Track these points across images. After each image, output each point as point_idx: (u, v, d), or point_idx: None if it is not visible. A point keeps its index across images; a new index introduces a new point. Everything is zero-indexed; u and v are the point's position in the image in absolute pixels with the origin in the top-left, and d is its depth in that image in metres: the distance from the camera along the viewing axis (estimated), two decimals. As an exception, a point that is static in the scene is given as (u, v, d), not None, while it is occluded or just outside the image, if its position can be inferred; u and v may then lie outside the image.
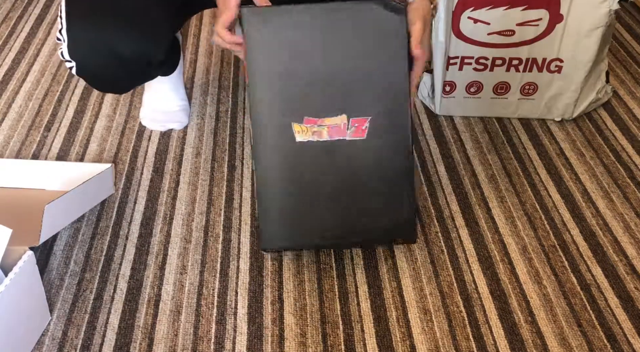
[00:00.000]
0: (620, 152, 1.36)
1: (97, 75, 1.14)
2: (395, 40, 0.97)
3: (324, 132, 0.99)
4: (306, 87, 0.98)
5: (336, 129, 0.98)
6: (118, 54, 1.08)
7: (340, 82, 0.99)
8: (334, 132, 0.99)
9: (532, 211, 1.22)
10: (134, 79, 1.21)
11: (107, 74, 1.13)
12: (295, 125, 0.99)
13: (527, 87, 1.39)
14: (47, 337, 1.01)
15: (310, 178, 1.02)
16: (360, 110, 0.98)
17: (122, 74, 1.14)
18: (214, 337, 1.01)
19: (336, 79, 0.98)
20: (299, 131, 0.99)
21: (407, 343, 1.00)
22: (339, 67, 0.98)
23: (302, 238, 1.07)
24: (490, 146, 1.37)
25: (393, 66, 0.98)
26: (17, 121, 1.46)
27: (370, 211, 1.05)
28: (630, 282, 1.09)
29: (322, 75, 0.98)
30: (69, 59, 1.11)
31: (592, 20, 1.28)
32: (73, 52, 1.09)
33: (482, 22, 1.30)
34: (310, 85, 0.98)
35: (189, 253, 1.15)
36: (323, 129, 0.99)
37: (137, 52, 1.09)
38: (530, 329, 1.02)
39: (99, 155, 1.36)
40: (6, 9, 1.89)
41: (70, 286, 1.09)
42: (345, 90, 0.99)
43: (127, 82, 1.22)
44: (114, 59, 1.09)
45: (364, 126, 0.98)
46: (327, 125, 0.98)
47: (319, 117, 0.98)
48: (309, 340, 1.01)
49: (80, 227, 1.20)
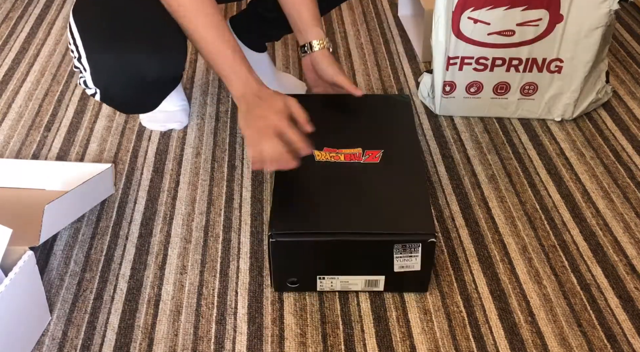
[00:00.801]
0: (620, 152, 1.36)
1: (124, 99, 1.14)
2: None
3: (341, 157, 1.12)
4: (327, 127, 1.15)
5: (351, 156, 1.12)
6: (144, 76, 1.07)
7: (356, 125, 1.19)
8: (350, 157, 1.12)
9: (532, 211, 1.22)
10: (162, 96, 1.21)
11: (135, 97, 1.13)
12: (315, 152, 1.11)
13: (527, 87, 1.39)
14: (47, 337, 1.01)
15: (326, 187, 1.08)
16: (373, 144, 1.14)
17: (149, 94, 1.14)
18: (214, 337, 1.01)
19: (352, 123, 1.20)
20: (318, 155, 1.11)
21: (407, 343, 1.00)
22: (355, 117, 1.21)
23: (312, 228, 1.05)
24: (490, 146, 1.37)
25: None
26: (17, 121, 1.46)
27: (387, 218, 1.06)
28: (630, 282, 1.09)
29: (341, 121, 1.20)
30: (93, 87, 1.10)
31: (592, 21, 1.28)
32: (97, 81, 1.08)
33: (482, 22, 1.30)
34: (332, 127, 1.17)
35: (189, 253, 1.15)
36: (340, 155, 1.12)
37: (163, 71, 1.08)
38: (530, 329, 1.02)
39: (99, 155, 1.36)
40: (6, 9, 1.89)
41: (70, 286, 1.09)
42: (361, 130, 1.18)
43: (154, 100, 1.21)
44: (140, 82, 1.08)
45: (377, 155, 1.12)
46: (343, 153, 1.12)
47: (337, 147, 1.13)
48: (309, 340, 1.01)
49: (80, 227, 1.20)
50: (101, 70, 1.06)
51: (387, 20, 1.81)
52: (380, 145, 1.13)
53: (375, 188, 1.07)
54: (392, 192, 1.06)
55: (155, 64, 1.06)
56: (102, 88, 1.09)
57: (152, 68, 1.06)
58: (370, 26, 1.78)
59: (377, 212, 1.03)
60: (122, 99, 1.14)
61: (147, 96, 1.16)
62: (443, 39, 1.33)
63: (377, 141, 1.14)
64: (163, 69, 1.08)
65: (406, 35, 1.74)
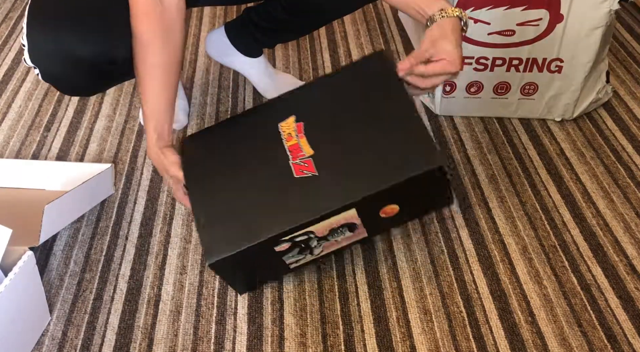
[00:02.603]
0: (621, 152, 1.35)
1: (61, 79, 1.12)
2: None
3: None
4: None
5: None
6: (75, 55, 1.06)
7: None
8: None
9: (533, 211, 1.22)
10: (100, 79, 1.17)
11: (71, 77, 1.11)
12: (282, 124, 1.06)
13: (527, 87, 1.39)
14: (47, 337, 1.01)
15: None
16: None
17: (85, 76, 1.12)
18: (214, 337, 1.01)
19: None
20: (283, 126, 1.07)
21: (407, 343, 1.00)
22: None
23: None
24: (490, 146, 1.37)
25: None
26: (17, 121, 1.46)
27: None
28: (631, 282, 1.09)
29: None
30: (30, 64, 1.10)
31: (593, 20, 1.28)
32: (34, 57, 1.08)
33: (482, 22, 1.30)
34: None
35: (188, 253, 1.15)
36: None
37: (94, 51, 1.07)
38: (530, 329, 1.02)
39: (99, 155, 1.36)
40: (6, 8, 1.89)
41: (70, 286, 1.09)
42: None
43: (94, 84, 1.18)
44: (73, 61, 1.07)
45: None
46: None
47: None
48: (309, 340, 1.01)
49: (80, 227, 1.20)
50: (36, 46, 1.07)
51: (387, 20, 1.81)
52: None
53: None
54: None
55: (86, 44, 1.06)
56: (39, 65, 1.09)
57: (83, 47, 1.06)
58: (370, 26, 1.78)
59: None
60: (58, 78, 1.13)
61: (84, 78, 1.13)
62: (443, 39, 1.33)
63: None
64: (94, 50, 1.07)
65: (406, 35, 1.74)
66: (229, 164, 1.04)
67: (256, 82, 1.49)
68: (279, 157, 1.00)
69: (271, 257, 0.99)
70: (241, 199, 0.99)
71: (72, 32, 1.05)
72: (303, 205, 0.95)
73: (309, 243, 0.98)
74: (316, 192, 0.95)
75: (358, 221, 0.97)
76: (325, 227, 0.96)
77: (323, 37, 1.72)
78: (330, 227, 0.97)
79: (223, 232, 0.96)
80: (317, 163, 0.98)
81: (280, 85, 1.50)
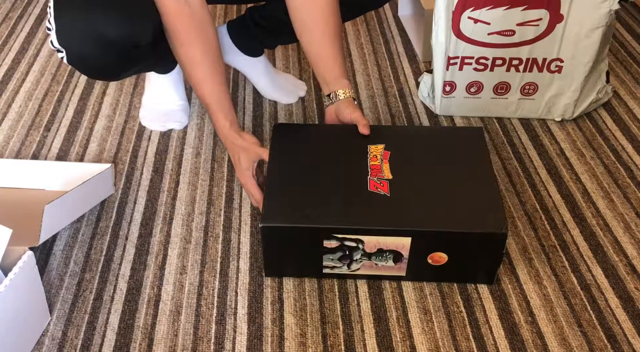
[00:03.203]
0: (621, 152, 1.35)
1: (87, 61, 1.14)
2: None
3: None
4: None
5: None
6: (103, 36, 1.09)
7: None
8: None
9: (533, 211, 1.22)
10: (124, 63, 1.20)
11: (96, 59, 1.13)
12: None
13: (527, 87, 1.39)
14: (47, 337, 1.01)
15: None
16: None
17: (110, 58, 1.14)
18: (214, 337, 1.01)
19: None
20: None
21: (407, 343, 1.00)
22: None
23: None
24: (490, 146, 1.37)
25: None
26: (17, 121, 1.46)
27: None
28: (631, 282, 1.09)
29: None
30: (59, 47, 1.12)
31: (593, 20, 1.28)
32: (61, 39, 1.11)
33: (482, 22, 1.30)
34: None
35: (188, 253, 1.15)
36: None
37: (121, 33, 1.09)
38: (530, 329, 1.02)
39: (99, 155, 1.36)
40: (6, 8, 1.89)
41: (70, 286, 1.09)
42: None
43: (120, 67, 1.20)
44: (100, 42, 1.10)
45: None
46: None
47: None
48: (309, 340, 1.00)
49: (80, 227, 1.20)
50: (64, 28, 1.10)
51: (387, 20, 1.81)
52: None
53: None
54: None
55: (113, 24, 1.09)
56: (66, 46, 1.11)
57: (110, 27, 1.09)
58: (370, 26, 1.78)
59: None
60: (85, 60, 1.15)
61: (111, 60, 1.16)
62: (443, 39, 1.33)
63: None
64: (122, 30, 1.10)
65: (406, 35, 1.74)
66: (312, 159, 1.12)
67: (256, 81, 1.49)
68: (360, 170, 1.09)
69: (315, 250, 1.03)
70: (314, 188, 1.06)
71: (100, 11, 1.09)
72: (367, 213, 1.02)
73: (353, 253, 1.03)
74: (383, 208, 1.03)
75: (406, 253, 1.03)
76: (375, 244, 1.02)
77: (323, 37, 1.72)
78: (379, 247, 1.02)
79: (288, 205, 1.04)
80: (392, 187, 1.06)
81: (280, 85, 1.50)
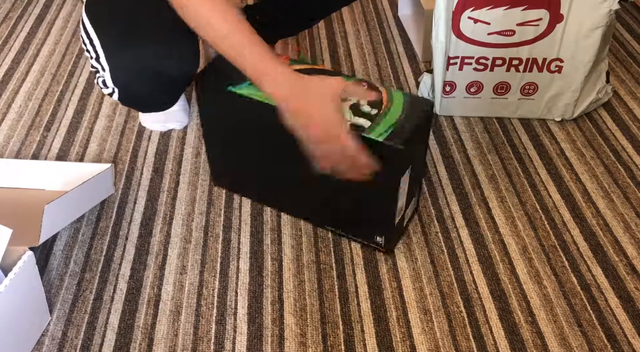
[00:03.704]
0: (621, 152, 1.35)
1: (142, 97, 1.15)
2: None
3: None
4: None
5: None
6: (162, 72, 1.08)
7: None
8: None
9: (533, 211, 1.22)
10: (178, 93, 1.22)
11: (152, 94, 1.14)
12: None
13: (527, 87, 1.39)
14: (47, 337, 1.01)
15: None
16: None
17: (166, 91, 1.15)
18: (214, 337, 1.01)
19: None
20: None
21: (407, 343, 1.00)
22: None
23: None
24: (490, 146, 1.37)
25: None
26: (17, 121, 1.46)
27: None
28: (631, 282, 1.09)
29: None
30: (111, 86, 1.11)
31: (593, 20, 1.28)
32: (116, 79, 1.09)
33: (482, 22, 1.30)
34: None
35: (188, 253, 1.15)
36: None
37: (180, 66, 1.09)
38: (530, 329, 1.02)
39: (99, 155, 1.36)
40: (6, 8, 1.89)
41: (70, 286, 1.09)
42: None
43: (171, 97, 1.22)
44: (158, 79, 1.09)
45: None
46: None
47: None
48: (309, 340, 1.00)
49: (80, 227, 1.20)
50: (120, 68, 1.08)
51: (387, 20, 1.81)
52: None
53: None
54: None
55: (172, 60, 1.08)
56: (121, 87, 1.11)
57: (170, 64, 1.08)
58: (370, 26, 1.78)
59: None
60: (140, 97, 1.15)
61: (165, 93, 1.17)
62: (443, 39, 1.33)
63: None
64: (180, 65, 1.10)
65: (406, 35, 1.74)
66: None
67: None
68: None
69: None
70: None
71: (158, 50, 1.07)
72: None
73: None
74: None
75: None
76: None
77: (323, 38, 1.72)
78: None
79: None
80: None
81: None
